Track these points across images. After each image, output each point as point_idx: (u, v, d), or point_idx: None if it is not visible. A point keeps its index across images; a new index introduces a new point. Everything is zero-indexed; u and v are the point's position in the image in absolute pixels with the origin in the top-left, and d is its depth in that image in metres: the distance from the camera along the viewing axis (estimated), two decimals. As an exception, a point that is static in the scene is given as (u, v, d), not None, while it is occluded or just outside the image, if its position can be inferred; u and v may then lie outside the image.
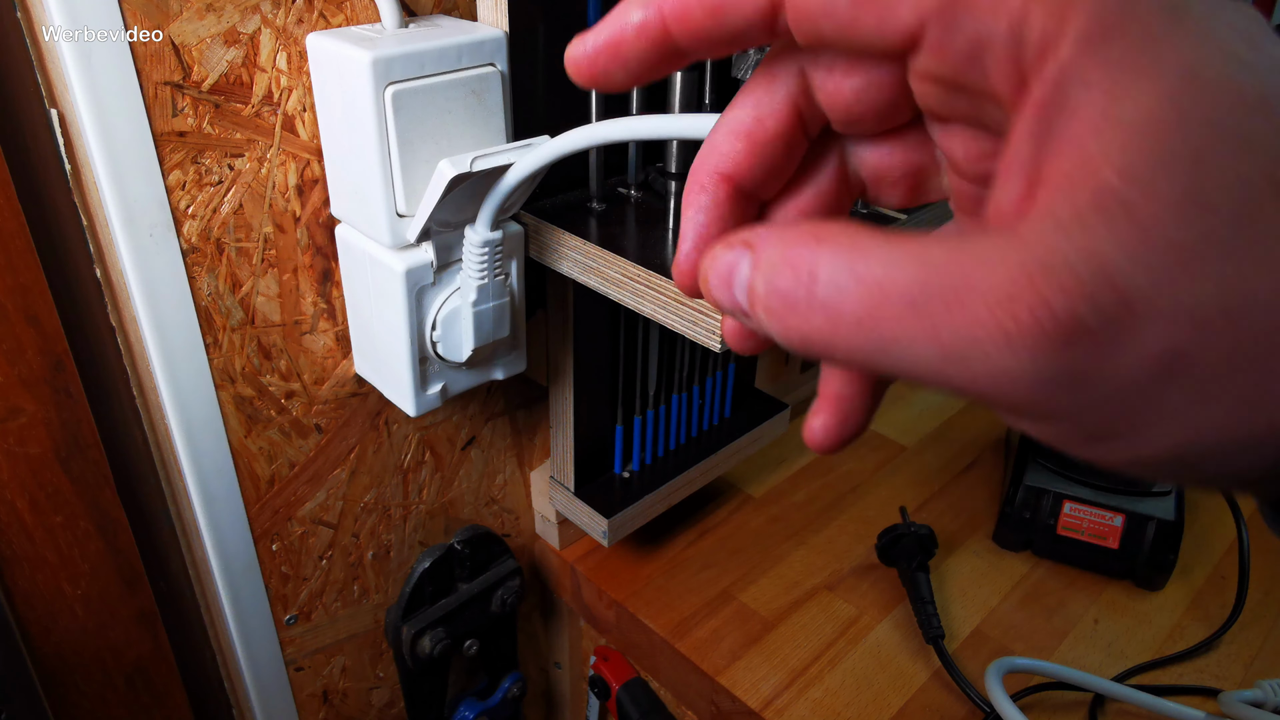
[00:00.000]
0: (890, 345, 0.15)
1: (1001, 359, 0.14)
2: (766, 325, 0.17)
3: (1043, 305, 0.14)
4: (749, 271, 0.17)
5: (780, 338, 0.17)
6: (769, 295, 0.17)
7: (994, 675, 0.57)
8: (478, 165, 0.41)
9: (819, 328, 0.16)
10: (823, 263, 0.16)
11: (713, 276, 0.18)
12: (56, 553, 0.47)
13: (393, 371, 0.49)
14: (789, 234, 0.17)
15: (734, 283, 0.18)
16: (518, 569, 0.64)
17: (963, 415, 0.87)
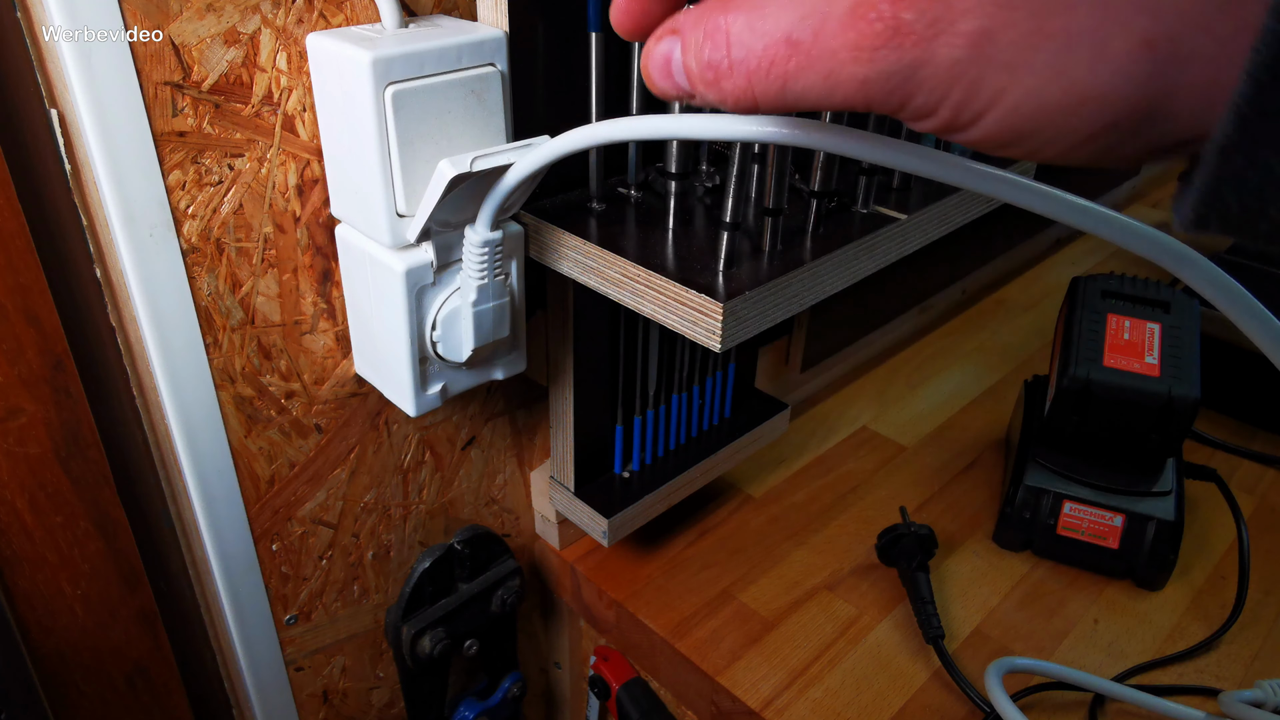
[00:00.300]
0: (790, 83, 0.19)
1: (859, 67, 0.18)
2: (709, 97, 0.20)
3: (878, 17, 0.18)
4: (680, 55, 0.21)
5: (721, 105, 0.20)
6: (702, 70, 0.20)
7: (994, 675, 0.57)
8: (478, 165, 0.41)
9: (741, 86, 0.20)
10: (734, 27, 0.19)
11: (654, 69, 0.22)
12: (56, 553, 0.47)
13: (393, 371, 0.50)
14: (704, 9, 0.20)
15: (672, 69, 0.21)
16: (518, 569, 0.64)
17: (963, 415, 0.87)
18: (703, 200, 0.53)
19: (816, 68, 0.19)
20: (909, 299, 0.96)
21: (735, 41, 0.19)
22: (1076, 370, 0.65)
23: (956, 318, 1.04)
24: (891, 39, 0.18)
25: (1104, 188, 1.24)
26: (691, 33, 0.20)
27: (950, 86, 0.18)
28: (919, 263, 0.72)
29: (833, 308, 0.84)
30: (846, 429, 0.85)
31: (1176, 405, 0.63)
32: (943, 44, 0.18)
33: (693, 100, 0.22)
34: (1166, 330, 0.67)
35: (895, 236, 0.52)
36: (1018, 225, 1.09)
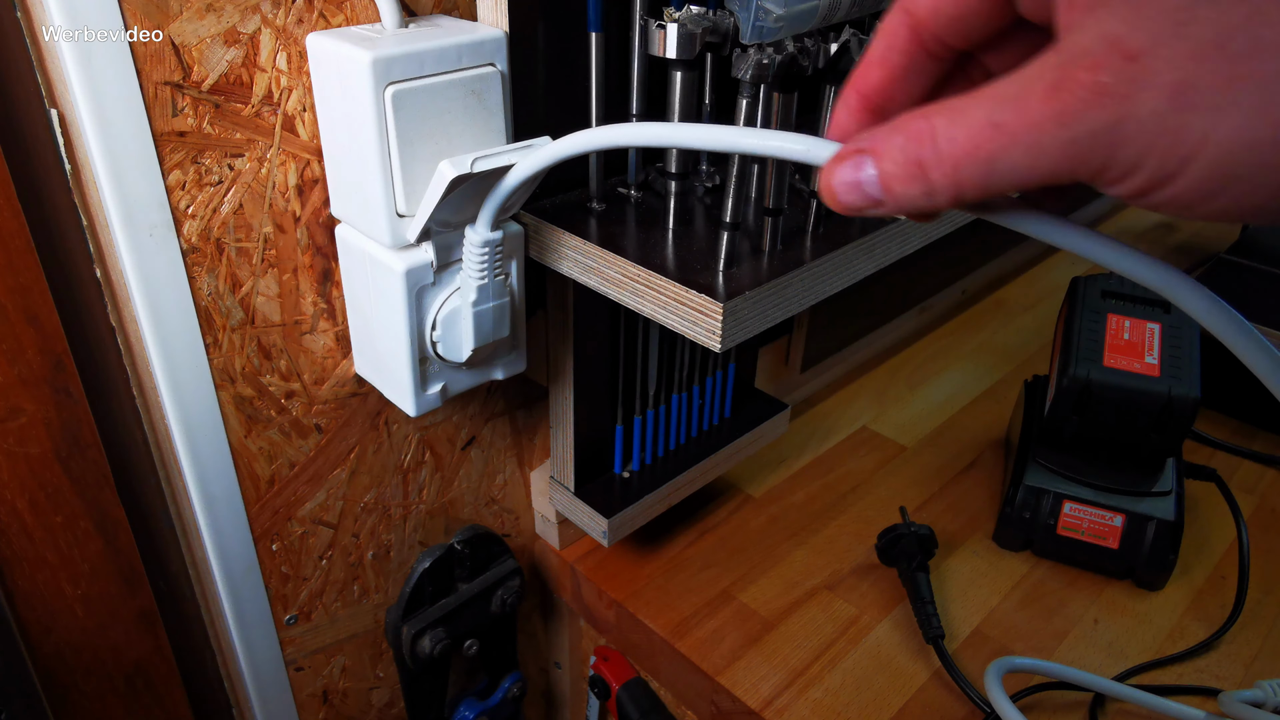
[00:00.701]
0: (996, 163, 0.21)
1: (1063, 131, 0.20)
2: (909, 194, 0.23)
3: (1078, 85, 0.20)
4: (873, 167, 0.23)
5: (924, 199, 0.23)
6: (907, 169, 0.23)
7: (993, 675, 0.57)
8: (478, 166, 0.41)
9: (948, 173, 0.22)
10: (938, 126, 0.22)
11: (840, 188, 0.24)
12: (56, 553, 0.47)
13: (393, 371, 0.50)
14: (898, 123, 0.23)
15: (863, 183, 0.24)
16: (518, 569, 0.64)
17: (963, 415, 0.87)
18: (703, 200, 0.53)
19: (1021, 142, 0.21)
20: (909, 299, 0.96)
21: (940, 136, 0.22)
22: (1076, 370, 0.65)
23: (956, 318, 1.04)
24: (1093, 101, 0.20)
25: (1104, 188, 1.24)
26: (888, 141, 0.23)
27: (1155, 137, 0.19)
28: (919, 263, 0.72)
29: (833, 308, 0.84)
30: (846, 429, 0.85)
31: (1176, 405, 0.63)
32: (1144, 98, 0.19)
33: (877, 212, 0.24)
34: (1166, 330, 0.67)
35: (895, 236, 0.52)
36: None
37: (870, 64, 0.26)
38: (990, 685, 0.56)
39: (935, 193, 0.23)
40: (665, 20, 0.43)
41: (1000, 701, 0.55)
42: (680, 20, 0.42)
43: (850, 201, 0.24)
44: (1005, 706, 0.55)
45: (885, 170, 0.23)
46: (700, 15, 0.43)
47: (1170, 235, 1.23)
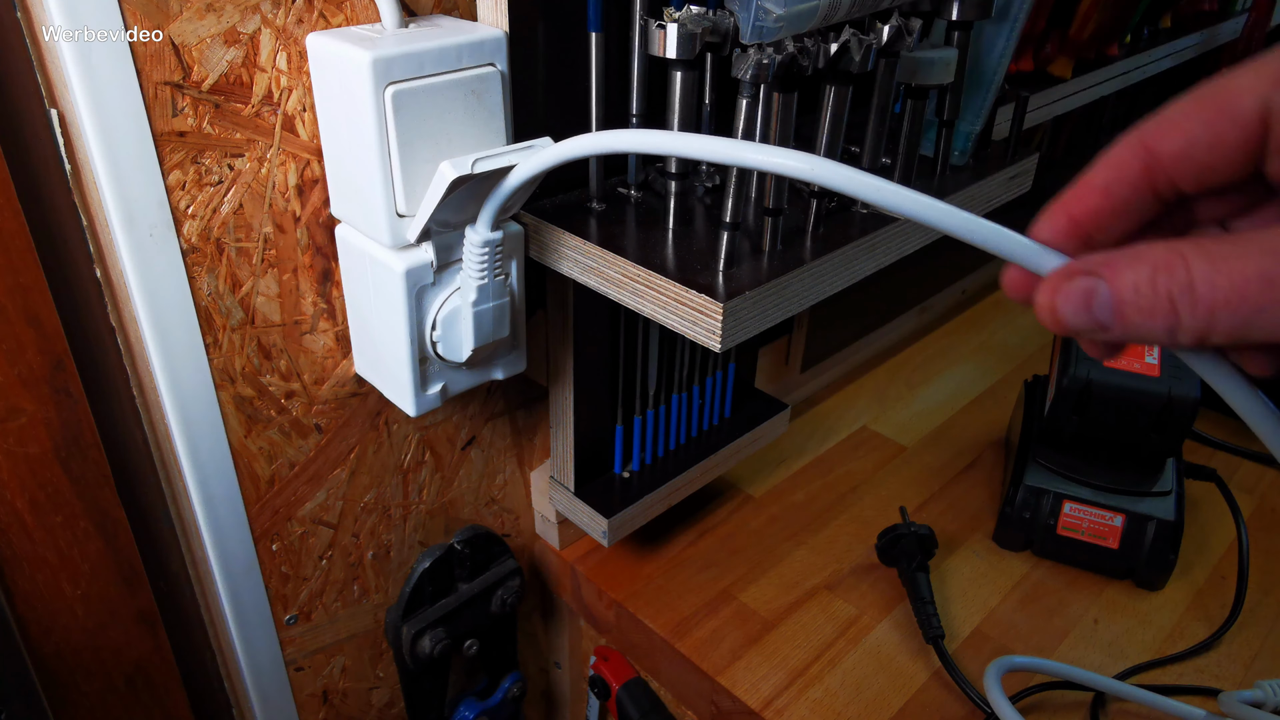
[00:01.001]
0: (1257, 315, 0.21)
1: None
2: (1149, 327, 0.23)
3: None
4: (1108, 290, 0.23)
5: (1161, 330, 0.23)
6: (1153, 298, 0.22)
7: (993, 675, 0.57)
8: (479, 167, 0.41)
9: (1200, 316, 0.22)
10: (1195, 267, 0.22)
11: (1065, 304, 0.24)
12: (56, 553, 0.47)
13: (393, 371, 0.50)
14: (1139, 252, 0.23)
15: (1094, 304, 0.23)
16: (518, 569, 0.64)
17: (963, 415, 0.87)
18: (703, 200, 0.53)
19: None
20: (909, 299, 0.96)
21: (1199, 277, 0.22)
22: (1076, 370, 0.65)
23: (956, 318, 1.04)
24: None
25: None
26: (1131, 269, 0.23)
27: None
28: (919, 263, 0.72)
29: (833, 308, 0.84)
30: (846, 429, 0.85)
31: (1176, 405, 0.63)
32: None
33: (1100, 335, 0.24)
34: (1166, 330, 0.67)
35: (895, 236, 0.52)
36: (1018, 226, 1.09)
37: (1090, 189, 0.26)
38: (989, 685, 0.56)
39: (1179, 331, 0.23)
40: (665, 20, 0.43)
41: (999, 701, 0.55)
42: (680, 20, 0.42)
43: (1074, 322, 0.24)
44: (1004, 706, 0.55)
45: (1122, 297, 0.23)
46: (700, 15, 0.43)
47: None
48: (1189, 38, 0.96)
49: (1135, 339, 0.24)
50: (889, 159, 0.54)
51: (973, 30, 0.54)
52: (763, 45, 0.42)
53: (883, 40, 0.47)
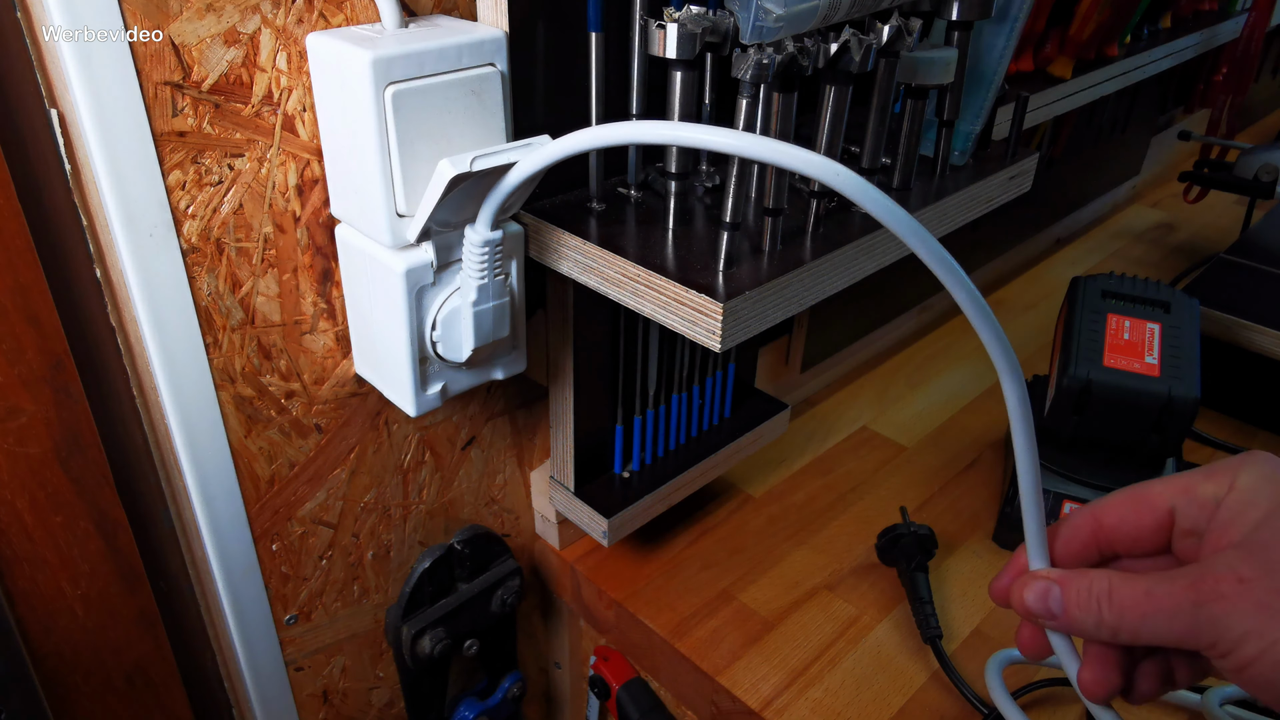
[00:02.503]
0: (1146, 618, 0.33)
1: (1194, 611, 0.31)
2: (1078, 617, 0.35)
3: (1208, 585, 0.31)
4: (1060, 593, 0.35)
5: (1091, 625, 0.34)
6: (1088, 600, 0.34)
7: (993, 669, 0.57)
8: (478, 165, 0.41)
9: (1114, 614, 0.33)
10: (1114, 581, 0.34)
11: (1030, 595, 0.36)
12: (56, 553, 0.47)
13: (393, 371, 0.50)
14: (1085, 572, 0.35)
15: (1049, 599, 0.36)
16: (518, 569, 0.64)
17: (963, 416, 0.87)
18: (703, 200, 0.53)
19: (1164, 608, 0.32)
20: (909, 299, 0.96)
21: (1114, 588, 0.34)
22: (1076, 370, 0.65)
23: (956, 318, 1.04)
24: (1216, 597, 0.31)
25: (1103, 189, 1.24)
26: (1078, 579, 0.35)
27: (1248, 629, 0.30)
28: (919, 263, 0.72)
29: (833, 308, 0.84)
30: (846, 429, 0.85)
31: (1176, 405, 0.63)
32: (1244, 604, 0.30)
33: (1046, 623, 0.36)
34: (1166, 330, 0.67)
35: (895, 237, 0.52)
36: (1018, 225, 1.09)
37: (1053, 535, 0.39)
38: (990, 679, 0.56)
39: (1102, 625, 0.34)
40: (665, 20, 0.43)
41: (999, 695, 0.55)
42: (680, 20, 0.42)
43: (1035, 608, 0.36)
44: (1004, 701, 0.55)
45: (1069, 597, 0.35)
46: (700, 15, 0.43)
47: (1170, 235, 1.23)
48: (1189, 38, 0.96)
49: (1072, 628, 0.35)
50: (889, 159, 0.54)
51: (973, 30, 0.54)
52: (763, 45, 0.42)
53: (883, 40, 0.47)
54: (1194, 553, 0.35)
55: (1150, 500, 0.36)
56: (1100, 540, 0.38)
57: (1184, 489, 0.35)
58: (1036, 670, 0.60)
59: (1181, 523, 0.35)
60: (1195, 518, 0.35)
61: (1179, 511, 0.35)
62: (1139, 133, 1.23)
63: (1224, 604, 0.31)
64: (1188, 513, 0.35)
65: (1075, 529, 0.38)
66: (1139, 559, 0.38)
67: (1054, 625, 0.36)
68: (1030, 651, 0.40)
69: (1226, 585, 0.31)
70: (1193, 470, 0.36)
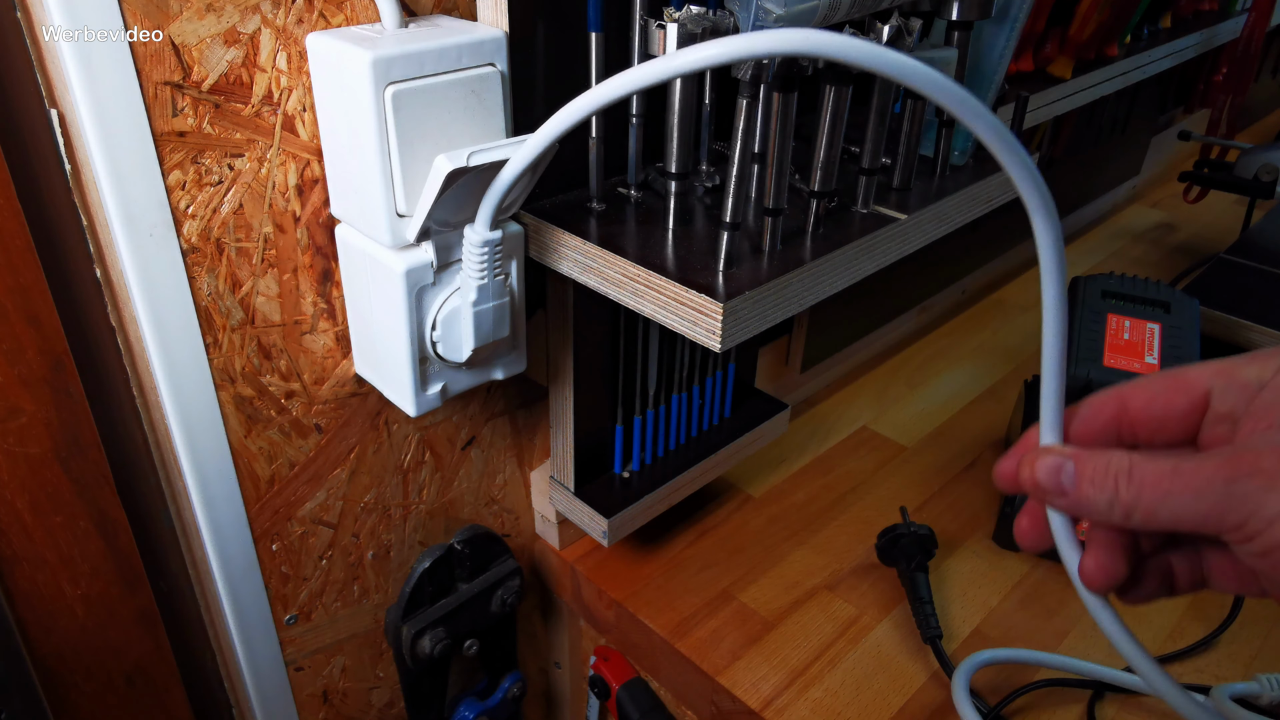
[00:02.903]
0: (1169, 496, 0.30)
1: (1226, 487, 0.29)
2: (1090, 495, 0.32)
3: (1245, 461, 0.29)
4: (1074, 468, 0.32)
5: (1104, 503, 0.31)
6: (1104, 477, 0.31)
7: (963, 672, 0.57)
8: (474, 160, 0.41)
9: (1132, 492, 0.31)
10: (1135, 459, 0.31)
11: (1041, 469, 0.33)
12: (56, 553, 0.47)
13: (393, 371, 0.50)
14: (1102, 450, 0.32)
15: (1061, 474, 0.33)
16: (518, 569, 0.64)
17: (963, 415, 0.87)
18: (703, 200, 0.53)
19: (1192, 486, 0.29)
20: (909, 299, 0.96)
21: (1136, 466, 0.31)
22: (1076, 370, 0.65)
23: (956, 318, 1.04)
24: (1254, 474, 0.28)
25: (1103, 189, 1.24)
26: (1094, 456, 0.32)
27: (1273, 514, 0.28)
28: (919, 263, 0.72)
29: (833, 308, 0.84)
30: (846, 429, 0.85)
31: (1176, 405, 0.63)
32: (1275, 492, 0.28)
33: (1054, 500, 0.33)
34: (1166, 330, 0.67)
35: (895, 236, 0.52)
36: (1018, 225, 1.09)
37: (1071, 415, 0.37)
38: (957, 688, 0.57)
39: (1116, 504, 0.31)
40: (665, 20, 0.43)
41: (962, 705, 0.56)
42: (680, 20, 0.42)
43: (1045, 482, 0.33)
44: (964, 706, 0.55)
45: (1083, 474, 0.32)
46: (700, 15, 0.43)
47: (1170, 235, 1.23)
48: (1189, 38, 0.96)
49: (1083, 508, 0.32)
50: (889, 159, 0.54)
51: (973, 30, 0.54)
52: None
53: (883, 40, 0.47)
54: (1225, 438, 0.32)
55: (1186, 381, 0.34)
56: (1122, 424, 0.35)
57: (1224, 371, 0.33)
58: (1035, 671, 0.60)
59: (1218, 405, 0.33)
60: (1234, 400, 0.32)
61: (1216, 393, 0.33)
62: (1139, 133, 1.23)
63: (1262, 479, 0.28)
64: (1226, 395, 0.32)
65: (1097, 408, 0.36)
66: (1161, 449, 0.35)
67: (1062, 504, 0.33)
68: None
69: (1268, 461, 0.28)
70: (1233, 356, 0.33)
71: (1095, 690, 0.59)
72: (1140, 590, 0.35)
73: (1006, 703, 0.58)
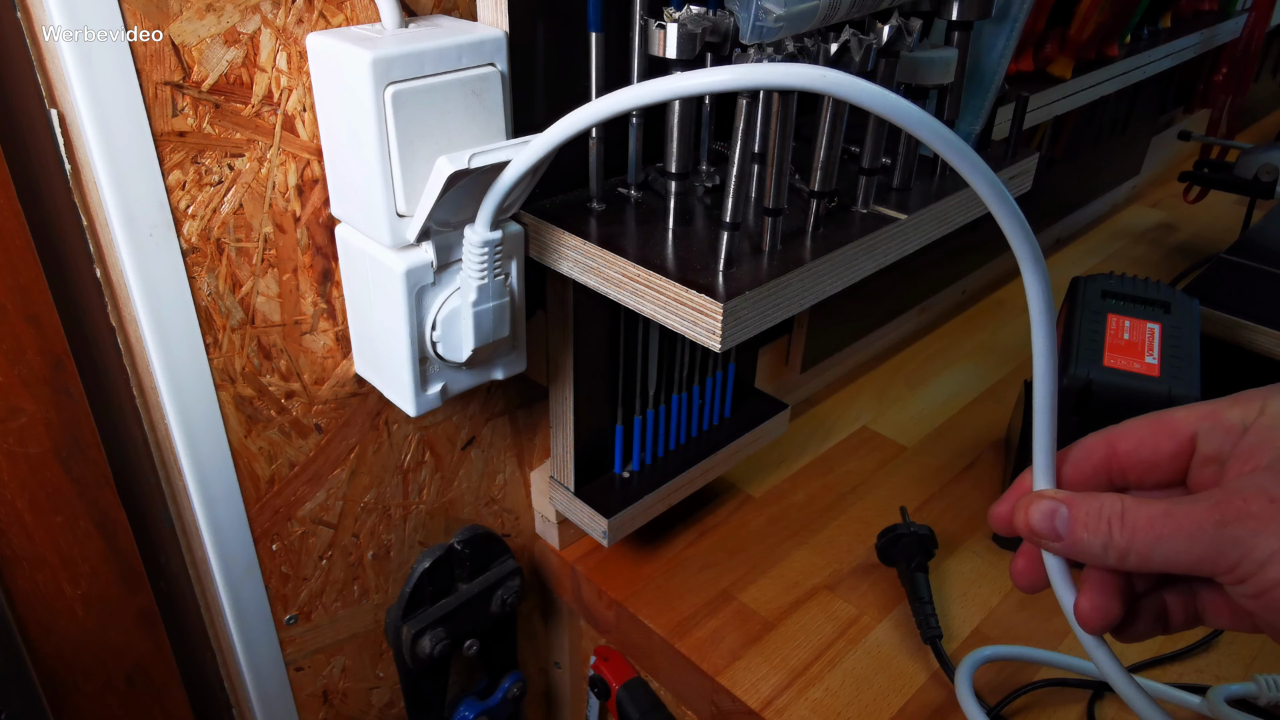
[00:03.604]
0: (1161, 540, 0.31)
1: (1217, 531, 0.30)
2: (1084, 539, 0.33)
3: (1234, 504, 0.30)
4: (1067, 513, 0.33)
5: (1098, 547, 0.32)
6: (1097, 521, 0.32)
7: (966, 669, 0.57)
8: (475, 162, 0.41)
9: (1125, 535, 0.31)
10: (1127, 503, 0.32)
11: (1035, 514, 0.34)
12: (56, 553, 0.47)
13: (393, 371, 0.50)
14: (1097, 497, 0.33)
15: (1055, 519, 0.33)
16: (518, 569, 0.64)
17: (963, 415, 0.87)
18: (703, 200, 0.53)
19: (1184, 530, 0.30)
20: (909, 299, 0.96)
21: (1128, 509, 0.32)
22: (1076, 370, 0.65)
23: (956, 318, 1.04)
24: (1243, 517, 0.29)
25: (1103, 189, 1.24)
26: (1087, 501, 0.33)
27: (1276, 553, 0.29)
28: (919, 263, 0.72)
29: (833, 308, 0.84)
30: (846, 429, 0.85)
31: (1176, 405, 0.63)
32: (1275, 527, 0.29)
33: (1048, 545, 0.34)
34: (1166, 330, 0.67)
35: (895, 236, 0.52)
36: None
37: (1062, 459, 0.37)
38: (960, 683, 0.56)
39: (1110, 547, 0.32)
40: (665, 20, 0.43)
41: (966, 701, 0.55)
42: (680, 20, 0.42)
43: (1040, 527, 0.34)
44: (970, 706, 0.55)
45: (1077, 518, 0.33)
46: (700, 15, 0.43)
47: (1170, 235, 1.23)
48: (1189, 38, 0.96)
49: (1077, 550, 0.33)
50: (889, 159, 0.54)
51: (973, 30, 0.54)
52: (763, 45, 0.42)
53: (883, 40, 0.47)
54: (1213, 480, 0.33)
55: (1172, 425, 0.35)
56: (1112, 466, 0.36)
57: (1209, 414, 0.34)
58: (1036, 670, 0.60)
59: (1204, 448, 0.34)
60: (1219, 443, 0.33)
61: (1202, 436, 0.34)
62: (1139, 133, 1.23)
63: (1252, 523, 0.29)
64: (1211, 438, 0.33)
65: (1087, 451, 0.36)
66: (1150, 490, 0.36)
67: (1057, 548, 0.34)
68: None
69: (1256, 505, 0.29)
70: (1217, 399, 0.34)
71: (1095, 690, 0.59)
72: (1135, 629, 0.36)
73: (1006, 703, 0.58)
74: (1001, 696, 0.58)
